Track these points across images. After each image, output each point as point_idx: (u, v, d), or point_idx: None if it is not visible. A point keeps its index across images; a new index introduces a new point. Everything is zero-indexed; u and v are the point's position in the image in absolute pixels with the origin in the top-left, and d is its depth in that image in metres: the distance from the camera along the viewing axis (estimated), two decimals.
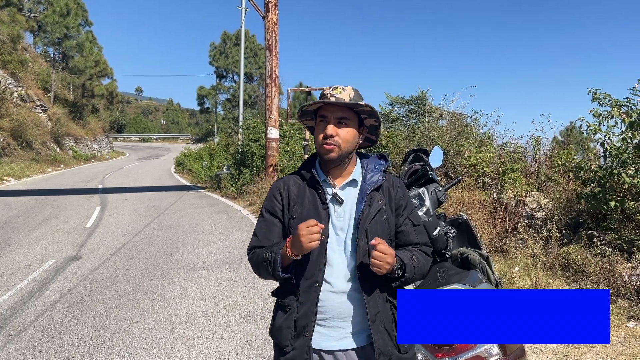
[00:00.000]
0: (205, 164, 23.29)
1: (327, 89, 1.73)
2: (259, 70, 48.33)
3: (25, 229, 9.19)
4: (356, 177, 1.78)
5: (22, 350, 3.97)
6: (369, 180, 1.76)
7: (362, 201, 1.72)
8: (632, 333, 3.81)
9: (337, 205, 1.73)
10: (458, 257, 2.62)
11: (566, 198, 6.31)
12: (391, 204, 1.77)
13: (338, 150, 1.70)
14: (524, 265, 5.35)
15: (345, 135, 1.70)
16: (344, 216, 1.73)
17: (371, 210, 1.71)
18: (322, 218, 1.69)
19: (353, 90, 1.74)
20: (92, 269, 6.42)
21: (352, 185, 1.77)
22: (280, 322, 1.73)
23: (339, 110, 1.70)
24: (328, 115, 1.70)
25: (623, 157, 5.16)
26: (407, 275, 1.68)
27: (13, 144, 24.11)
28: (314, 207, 1.72)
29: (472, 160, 8.28)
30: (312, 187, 1.75)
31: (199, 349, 3.98)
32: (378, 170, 1.80)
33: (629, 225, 5.11)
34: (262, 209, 1.83)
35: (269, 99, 13.76)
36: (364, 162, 1.82)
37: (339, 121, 1.70)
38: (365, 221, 1.69)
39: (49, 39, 35.70)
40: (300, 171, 1.82)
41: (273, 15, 13.42)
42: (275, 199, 1.79)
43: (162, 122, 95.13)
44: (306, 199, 1.74)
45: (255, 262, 1.75)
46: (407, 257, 1.70)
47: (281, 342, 1.71)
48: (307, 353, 1.67)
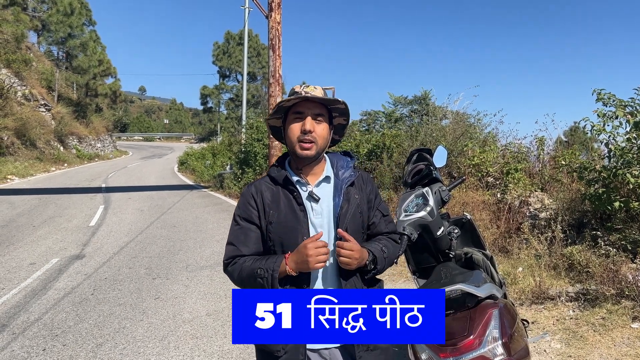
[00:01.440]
0: (209, 163, 23.34)
1: (299, 87, 1.73)
2: (262, 70, 48.36)
3: (29, 227, 9.22)
4: (329, 174, 1.79)
5: (26, 348, 3.98)
6: (342, 177, 1.78)
7: (338, 196, 1.73)
8: (636, 334, 3.80)
9: (314, 204, 1.72)
10: (462, 257, 2.61)
11: (570, 198, 6.28)
12: (364, 198, 1.81)
13: (315, 147, 1.70)
14: (528, 265, 5.34)
15: (321, 132, 1.71)
16: (322, 213, 1.72)
17: (350, 206, 1.73)
18: (301, 219, 1.68)
19: (322, 89, 1.75)
20: (95, 268, 6.44)
21: (326, 182, 1.78)
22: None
23: (316, 107, 1.70)
24: (305, 111, 1.69)
25: (627, 158, 5.14)
26: (378, 267, 1.73)
27: (17, 143, 24.20)
28: (291, 210, 1.70)
29: (475, 160, 8.26)
30: (285, 189, 1.73)
31: (203, 347, 3.99)
32: (348, 166, 1.82)
33: (633, 226, 5.08)
34: (235, 217, 1.79)
35: (272, 98, 13.76)
36: (332, 159, 1.84)
37: (316, 117, 1.70)
38: (346, 217, 1.71)
39: (52, 38, 35.87)
40: (270, 174, 1.79)
41: (277, 15, 13.42)
42: (250, 205, 1.75)
43: (165, 122, 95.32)
44: (281, 203, 1.72)
45: (239, 275, 1.69)
46: (378, 250, 1.74)
47: (271, 348, 1.67)
48: (303, 354, 1.66)
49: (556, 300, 4.56)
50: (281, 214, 1.69)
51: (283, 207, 1.71)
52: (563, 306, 4.48)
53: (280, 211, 1.70)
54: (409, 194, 2.47)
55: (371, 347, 1.72)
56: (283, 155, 1.86)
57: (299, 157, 1.72)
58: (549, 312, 4.42)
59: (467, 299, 2.15)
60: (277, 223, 1.68)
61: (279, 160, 1.85)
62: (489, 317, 2.01)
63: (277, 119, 1.80)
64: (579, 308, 4.38)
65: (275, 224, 1.68)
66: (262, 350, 1.73)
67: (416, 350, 2.07)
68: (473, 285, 2.14)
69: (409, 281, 5.56)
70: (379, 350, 1.75)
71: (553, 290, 4.68)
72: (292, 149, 1.72)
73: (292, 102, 1.70)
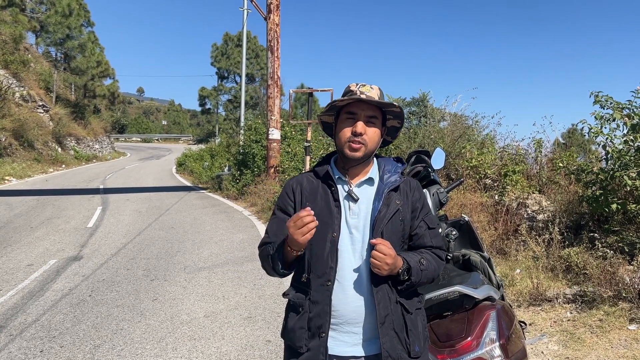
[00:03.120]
0: (207, 164, 23.31)
1: (354, 86, 1.69)
2: (260, 72, 48.37)
3: (27, 228, 9.20)
4: (373, 176, 1.74)
5: (24, 350, 3.97)
6: (387, 181, 1.72)
7: (379, 200, 1.68)
8: (633, 336, 3.81)
9: (352, 203, 1.68)
10: (460, 259, 2.62)
11: (568, 200, 6.30)
12: (408, 205, 1.73)
13: (364, 149, 1.66)
14: (526, 267, 5.35)
15: (372, 135, 1.67)
16: (359, 215, 1.68)
17: (389, 211, 1.67)
18: (334, 215, 1.65)
19: (379, 89, 1.71)
20: (93, 269, 6.43)
21: (368, 184, 1.73)
22: (293, 323, 1.68)
23: (370, 109, 1.66)
24: (358, 112, 1.65)
25: (625, 160, 5.15)
26: (412, 278, 1.63)
27: (15, 144, 24.14)
28: (326, 205, 1.68)
29: (473, 162, 8.28)
30: (325, 184, 1.72)
31: (200, 349, 3.98)
32: (395, 171, 1.76)
33: (630, 228, 5.10)
34: (275, 207, 1.80)
35: (270, 100, 13.77)
36: (380, 163, 1.78)
37: (368, 120, 1.66)
38: (382, 221, 1.65)
39: (51, 39, 35.78)
40: (315, 169, 1.78)
41: (275, 17, 13.44)
42: (288, 196, 1.76)
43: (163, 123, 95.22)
44: (319, 196, 1.70)
45: (261, 258, 1.74)
46: (415, 261, 1.65)
47: (295, 343, 1.67)
48: (323, 354, 1.63)
49: (554, 302, 4.57)
50: (316, 207, 1.66)
51: (319, 201, 1.69)
52: (560, 308, 4.49)
53: (316, 204, 1.67)
54: None
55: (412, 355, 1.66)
56: (331, 152, 1.84)
57: (346, 157, 1.68)
58: (546, 314, 4.43)
59: (465, 301, 2.15)
60: None
61: (326, 156, 1.83)
62: (487, 319, 2.02)
63: (330, 116, 1.78)
64: (576, 310, 4.39)
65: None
66: (289, 345, 1.73)
67: None
68: (471, 287, 2.15)
69: None
70: None
71: (550, 292, 4.69)
72: (341, 148, 1.69)
73: (345, 102, 1.67)
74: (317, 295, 1.64)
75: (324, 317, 1.63)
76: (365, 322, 1.64)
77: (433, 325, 2.13)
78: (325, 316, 1.63)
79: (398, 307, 1.66)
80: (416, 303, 1.74)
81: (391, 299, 1.65)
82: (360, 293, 1.64)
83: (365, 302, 1.64)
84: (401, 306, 1.67)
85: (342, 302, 1.64)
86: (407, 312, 1.68)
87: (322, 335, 1.63)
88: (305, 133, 13.62)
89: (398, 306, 1.66)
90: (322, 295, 1.64)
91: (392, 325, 1.63)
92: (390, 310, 1.63)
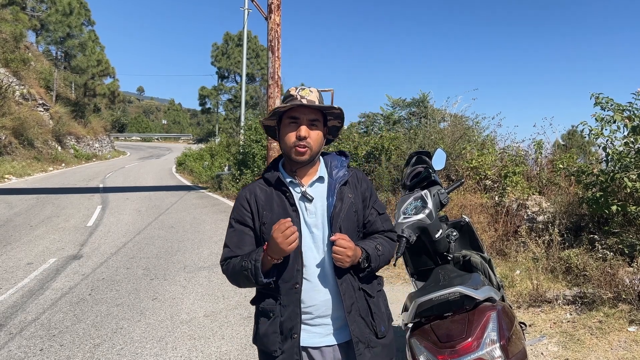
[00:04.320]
0: (207, 164, 23.32)
1: (294, 90, 1.73)
2: (260, 71, 48.36)
3: (27, 227, 9.20)
4: (322, 174, 1.80)
5: (23, 348, 3.97)
6: (336, 176, 1.79)
7: (332, 196, 1.75)
8: (633, 337, 3.81)
9: (307, 204, 1.75)
10: (460, 260, 2.62)
11: (568, 202, 6.30)
12: (358, 196, 1.81)
13: (310, 152, 1.72)
14: (525, 268, 5.35)
15: (316, 137, 1.72)
16: (316, 213, 1.75)
17: (343, 205, 1.74)
18: (293, 220, 1.68)
19: (318, 92, 1.76)
20: (93, 268, 6.43)
21: (319, 182, 1.79)
22: (265, 328, 1.74)
23: (311, 113, 1.71)
24: (300, 117, 1.70)
25: (625, 162, 5.16)
26: (372, 265, 1.74)
27: (15, 143, 24.14)
28: (283, 210, 1.72)
29: (473, 163, 8.28)
30: (278, 190, 1.76)
31: (200, 348, 3.98)
32: (342, 166, 1.83)
33: (630, 230, 5.10)
34: (231, 220, 1.82)
35: (271, 100, 13.76)
36: (326, 160, 1.85)
37: (311, 123, 1.71)
38: (339, 216, 1.72)
39: (51, 37, 35.80)
40: (264, 176, 1.82)
41: (276, 17, 13.44)
42: (243, 207, 1.78)
43: (163, 122, 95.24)
44: (274, 203, 1.75)
45: (232, 272, 1.74)
46: (372, 247, 1.75)
47: (269, 347, 1.73)
48: (297, 354, 1.70)
49: (553, 303, 4.57)
50: (274, 215, 1.72)
51: (276, 208, 1.73)
52: (560, 309, 4.49)
53: (273, 212, 1.73)
54: (408, 196, 2.48)
55: (372, 344, 1.74)
56: (277, 157, 1.88)
57: (294, 161, 1.74)
58: (546, 315, 4.43)
59: (466, 302, 2.15)
60: (270, 224, 1.69)
61: (272, 162, 1.87)
62: (487, 320, 2.02)
63: (272, 121, 1.82)
64: (576, 311, 4.40)
65: (269, 224, 1.70)
66: (262, 350, 1.78)
67: (414, 352, 2.08)
68: (471, 287, 2.15)
69: (407, 283, 5.56)
70: (380, 347, 1.76)
71: (550, 293, 4.69)
72: (287, 153, 1.74)
73: (287, 108, 1.71)
74: (286, 299, 1.71)
75: (295, 319, 1.70)
76: (333, 312, 1.73)
77: (434, 325, 2.13)
78: (296, 317, 1.70)
79: (361, 294, 1.76)
80: (376, 286, 1.85)
81: (354, 287, 1.74)
82: (327, 286, 1.73)
83: (332, 294, 1.73)
84: (364, 292, 1.77)
85: (311, 298, 1.71)
86: (370, 296, 1.78)
87: (294, 336, 1.70)
88: None
89: (361, 292, 1.76)
90: (291, 298, 1.70)
91: (358, 312, 1.73)
92: (355, 299, 1.73)
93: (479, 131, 10.82)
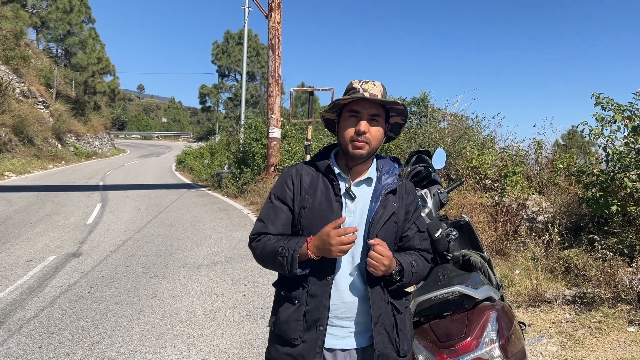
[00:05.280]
0: (207, 162, 23.33)
1: (357, 83, 1.66)
2: (261, 70, 48.36)
3: (26, 224, 9.20)
4: (371, 176, 1.73)
5: (22, 345, 3.97)
6: (384, 182, 1.72)
7: (375, 201, 1.68)
8: (632, 337, 3.81)
9: (349, 201, 1.68)
10: (460, 259, 2.62)
11: (567, 202, 6.30)
12: (402, 208, 1.74)
13: (368, 147, 1.65)
14: (525, 268, 5.35)
15: (376, 133, 1.66)
16: (355, 213, 1.68)
17: (385, 212, 1.68)
18: (335, 211, 1.65)
19: (382, 86, 1.69)
20: (92, 266, 6.42)
21: (366, 184, 1.72)
22: (288, 315, 1.67)
23: (373, 107, 1.64)
24: (361, 111, 1.64)
25: (625, 162, 5.15)
26: (404, 280, 1.67)
27: (14, 140, 24.13)
28: (327, 199, 1.67)
29: (473, 163, 8.28)
30: (326, 178, 1.70)
31: (199, 347, 3.98)
32: (393, 173, 1.75)
33: (630, 230, 5.10)
34: (271, 195, 1.76)
35: (271, 98, 13.77)
36: (379, 163, 1.78)
37: (372, 118, 1.64)
38: (379, 222, 1.66)
39: (52, 35, 35.79)
40: (315, 161, 1.76)
41: (277, 15, 13.43)
42: (287, 185, 1.73)
43: (163, 120, 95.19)
44: (319, 190, 1.69)
45: (262, 251, 1.68)
46: (407, 262, 1.68)
47: (288, 335, 1.66)
48: (320, 347, 1.64)
49: (553, 303, 4.57)
50: (316, 201, 1.66)
51: (319, 195, 1.68)
52: (560, 309, 4.49)
53: (315, 198, 1.67)
54: None
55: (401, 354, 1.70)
56: (330, 145, 1.82)
57: (350, 155, 1.67)
58: (545, 315, 4.43)
59: (465, 301, 2.15)
60: (311, 209, 1.65)
61: (325, 149, 1.81)
62: (487, 319, 2.02)
63: (332, 113, 1.75)
64: (575, 311, 4.40)
65: (309, 209, 1.66)
66: (279, 336, 1.70)
67: (413, 352, 2.08)
68: (471, 287, 2.15)
69: None
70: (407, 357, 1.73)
71: (550, 293, 4.69)
72: (345, 147, 1.67)
73: (348, 101, 1.65)
74: (316, 289, 1.64)
75: (323, 311, 1.63)
76: (357, 316, 1.67)
77: (433, 325, 2.13)
78: (324, 310, 1.63)
79: (390, 308, 1.69)
80: (404, 302, 1.77)
81: (383, 299, 1.67)
82: (354, 290, 1.66)
83: (358, 300, 1.66)
84: (392, 306, 1.70)
85: (336, 298, 1.65)
86: (398, 312, 1.71)
87: (320, 328, 1.63)
88: (305, 132, 13.64)
89: (389, 306, 1.69)
90: (322, 289, 1.64)
91: (384, 325, 1.66)
92: (382, 310, 1.66)
93: (479, 131, 10.82)
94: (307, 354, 1.64)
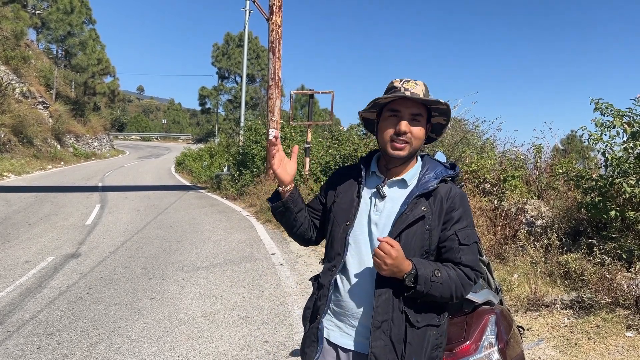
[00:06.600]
0: (206, 164, 23.33)
1: (398, 82, 1.61)
2: (261, 72, 48.42)
3: (25, 225, 9.19)
4: (407, 178, 1.67)
5: (21, 346, 3.97)
6: (421, 184, 1.64)
7: (405, 203, 1.61)
8: (630, 342, 3.82)
9: (378, 200, 1.66)
10: None
11: (566, 206, 6.32)
12: (440, 214, 1.61)
13: (409, 148, 1.60)
14: (524, 272, 5.36)
15: (417, 133, 1.60)
16: (382, 212, 1.64)
17: (411, 215, 1.58)
18: (353, 206, 1.68)
19: (424, 85, 1.63)
20: (91, 267, 6.42)
21: (400, 185, 1.67)
22: (306, 302, 1.78)
23: (414, 106, 1.59)
24: (402, 110, 1.58)
25: (624, 167, 5.17)
26: (419, 287, 1.51)
27: (14, 140, 24.11)
28: (350, 196, 1.72)
29: (473, 167, 8.29)
30: (356, 178, 1.75)
31: (198, 348, 3.98)
32: (437, 177, 1.65)
33: (628, 235, 5.11)
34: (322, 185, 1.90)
35: (271, 100, 13.77)
36: (425, 164, 1.71)
37: (413, 118, 1.59)
38: (403, 223, 1.58)
39: (52, 36, 35.78)
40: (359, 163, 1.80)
41: (277, 18, 13.45)
42: (330, 183, 1.83)
43: (163, 122, 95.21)
44: (347, 189, 1.75)
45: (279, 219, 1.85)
46: (428, 270, 1.53)
47: (303, 322, 1.76)
48: (315, 336, 1.67)
49: (551, 308, 4.58)
50: (340, 194, 1.74)
51: (345, 190, 1.74)
52: (558, 313, 4.50)
53: (339, 191, 1.76)
54: None
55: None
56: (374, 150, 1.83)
57: (389, 156, 1.63)
58: (544, 319, 4.44)
59: (464, 305, 2.16)
60: (338, 204, 1.73)
61: (370, 152, 1.84)
62: (486, 323, 2.02)
63: (372, 112, 1.70)
64: (573, 316, 4.40)
65: (336, 204, 1.73)
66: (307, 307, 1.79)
67: None
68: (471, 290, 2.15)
69: None
70: None
71: (548, 297, 4.70)
72: (384, 147, 1.63)
73: (388, 100, 1.60)
74: (323, 278, 1.70)
75: (324, 300, 1.67)
76: (362, 317, 1.63)
77: None
78: (324, 299, 1.67)
79: (402, 317, 1.57)
80: (430, 319, 1.60)
81: (394, 306, 1.56)
82: (364, 290, 1.62)
83: (366, 301, 1.61)
84: (406, 317, 1.57)
85: (344, 293, 1.65)
86: (412, 325, 1.57)
87: (317, 317, 1.68)
88: (305, 134, 13.65)
89: (402, 316, 1.57)
90: (326, 279, 1.68)
91: (388, 333, 1.55)
92: (390, 317, 1.56)
93: (478, 135, 10.85)
94: (306, 341, 1.71)
